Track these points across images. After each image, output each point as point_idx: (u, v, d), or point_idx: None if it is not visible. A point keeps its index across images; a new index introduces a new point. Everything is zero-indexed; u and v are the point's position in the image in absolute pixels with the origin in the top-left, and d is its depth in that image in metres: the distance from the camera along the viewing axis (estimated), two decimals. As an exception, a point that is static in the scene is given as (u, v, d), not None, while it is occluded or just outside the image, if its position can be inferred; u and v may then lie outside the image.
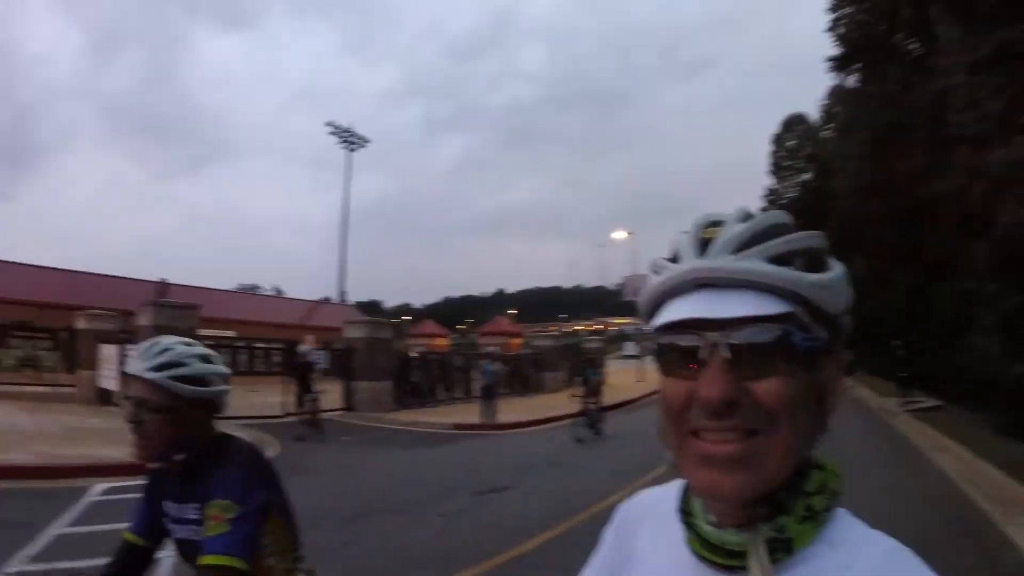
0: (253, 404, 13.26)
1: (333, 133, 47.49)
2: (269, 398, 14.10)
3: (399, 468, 9.01)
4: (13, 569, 4.39)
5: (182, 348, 1.38)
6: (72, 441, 9.36)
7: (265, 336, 21.33)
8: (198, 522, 1.34)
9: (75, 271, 29.44)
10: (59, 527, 5.37)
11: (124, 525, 1.55)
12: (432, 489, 7.20)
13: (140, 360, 1.36)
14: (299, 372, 11.74)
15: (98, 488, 6.77)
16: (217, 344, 15.55)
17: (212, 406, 1.42)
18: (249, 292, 61.48)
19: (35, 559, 4.59)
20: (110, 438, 9.21)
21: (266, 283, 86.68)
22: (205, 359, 1.40)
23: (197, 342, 1.44)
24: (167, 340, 1.40)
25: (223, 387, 1.42)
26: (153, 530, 1.51)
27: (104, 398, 14.48)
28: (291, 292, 72.35)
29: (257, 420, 12.40)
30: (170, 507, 1.44)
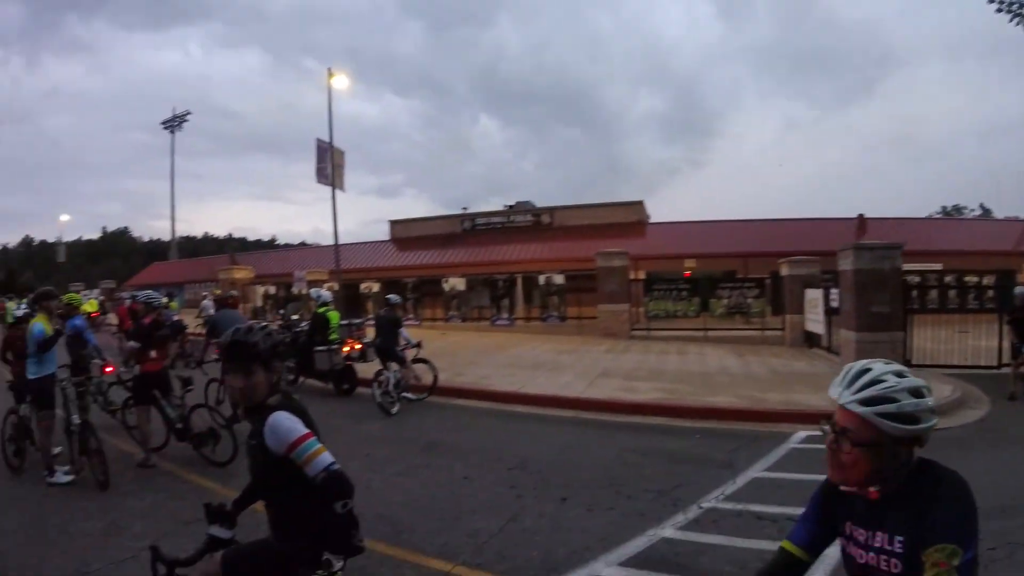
0: (963, 350, 11.58)
1: (1000, 10, 37.77)
2: (982, 342, 11.85)
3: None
4: (707, 504, 4.66)
5: (893, 380, 1.32)
6: (777, 385, 9.56)
7: (976, 267, 16.91)
8: (895, 555, 1.30)
9: (771, 219, 29.77)
10: (756, 471, 5.49)
11: (817, 477, 1.48)
12: None
13: (846, 388, 1.34)
14: (1014, 318, 9.56)
15: (798, 435, 6.68)
16: (923, 282, 14.18)
17: (918, 441, 1.33)
18: (952, 216, 54.23)
19: (729, 498, 4.78)
20: (814, 383, 9.29)
21: (971, 203, 72.42)
22: (916, 393, 1.31)
23: (908, 371, 1.35)
24: (878, 368, 1.35)
25: (932, 422, 1.32)
26: (818, 546, 1.48)
27: (810, 341, 14.88)
28: (1001, 211, 58.47)
29: (967, 370, 10.82)
30: (857, 531, 1.39)
